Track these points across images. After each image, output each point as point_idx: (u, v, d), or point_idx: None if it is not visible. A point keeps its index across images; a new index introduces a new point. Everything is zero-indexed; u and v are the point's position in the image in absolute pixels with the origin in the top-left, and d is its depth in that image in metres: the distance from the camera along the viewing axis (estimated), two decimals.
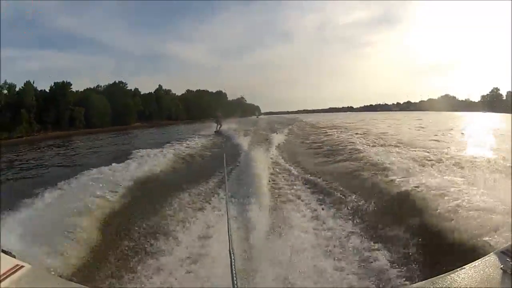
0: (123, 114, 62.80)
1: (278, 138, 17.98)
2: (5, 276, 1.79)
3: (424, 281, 1.94)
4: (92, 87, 67.33)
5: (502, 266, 1.95)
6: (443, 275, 1.94)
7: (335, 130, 22.55)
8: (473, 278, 1.93)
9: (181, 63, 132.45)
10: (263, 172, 8.66)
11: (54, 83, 58.34)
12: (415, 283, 2.28)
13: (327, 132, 21.58)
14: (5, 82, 51.82)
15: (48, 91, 57.39)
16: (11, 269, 1.85)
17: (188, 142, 16.30)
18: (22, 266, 1.90)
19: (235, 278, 1.76)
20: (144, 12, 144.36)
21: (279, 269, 3.46)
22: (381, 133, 18.49)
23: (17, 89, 51.44)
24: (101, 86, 69.29)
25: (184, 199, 6.46)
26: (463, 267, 1.99)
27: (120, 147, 21.73)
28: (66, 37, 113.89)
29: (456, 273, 1.96)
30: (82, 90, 63.53)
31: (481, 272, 1.96)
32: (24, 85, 53.58)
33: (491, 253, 2.09)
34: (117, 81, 70.20)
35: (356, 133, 18.55)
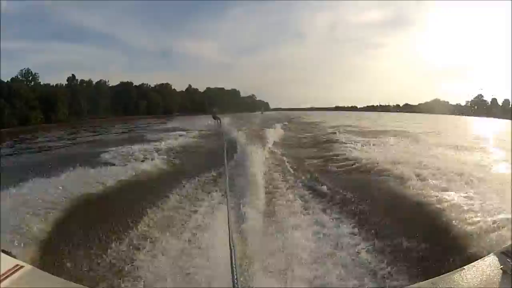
0: (169, 106, 68.87)
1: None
2: (5, 276, 1.44)
3: (424, 281, 1.63)
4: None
5: (502, 266, 1.60)
6: (443, 275, 1.60)
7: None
8: (473, 278, 1.58)
9: (194, 60, 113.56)
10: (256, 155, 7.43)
11: (121, 82, 64.21)
12: (415, 283, 1.82)
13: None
14: (90, 80, 56.81)
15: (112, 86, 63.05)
16: (11, 269, 1.50)
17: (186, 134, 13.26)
18: (22, 266, 1.55)
19: (235, 272, 1.31)
20: (157, 9, 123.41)
21: (276, 263, 2.86)
22: None
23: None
24: (146, 84, 71.80)
25: (181, 195, 5.10)
26: (463, 267, 1.65)
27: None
28: (78, 31, 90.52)
29: (456, 273, 1.61)
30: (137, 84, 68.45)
31: (481, 272, 1.61)
32: (96, 82, 58.95)
33: (491, 253, 1.68)
34: (164, 83, 73.48)
35: None
